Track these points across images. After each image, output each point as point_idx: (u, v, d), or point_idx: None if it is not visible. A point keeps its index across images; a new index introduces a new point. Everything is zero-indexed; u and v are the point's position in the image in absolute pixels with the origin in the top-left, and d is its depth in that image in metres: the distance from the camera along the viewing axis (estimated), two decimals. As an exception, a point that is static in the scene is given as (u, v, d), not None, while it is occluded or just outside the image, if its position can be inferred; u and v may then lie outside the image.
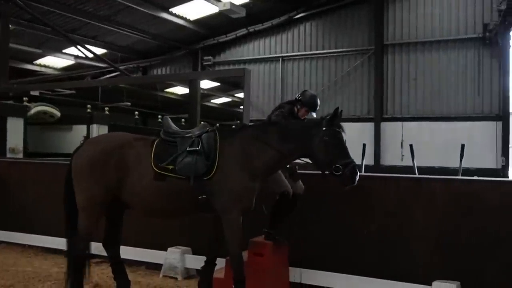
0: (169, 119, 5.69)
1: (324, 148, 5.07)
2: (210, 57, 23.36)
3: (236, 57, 23.04)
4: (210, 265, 5.75)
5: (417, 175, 9.83)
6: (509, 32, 17.96)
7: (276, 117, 5.75)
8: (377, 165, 18.72)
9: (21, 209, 8.78)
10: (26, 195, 8.78)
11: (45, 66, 22.34)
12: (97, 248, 6.57)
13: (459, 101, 18.36)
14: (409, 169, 13.51)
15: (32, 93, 16.54)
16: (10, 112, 13.92)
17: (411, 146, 13.05)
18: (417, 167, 12.94)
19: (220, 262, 5.91)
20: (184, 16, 20.25)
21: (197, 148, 5.25)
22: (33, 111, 15.77)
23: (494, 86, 17.92)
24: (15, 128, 13.89)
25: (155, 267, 7.18)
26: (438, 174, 7.51)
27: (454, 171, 13.53)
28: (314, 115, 6.03)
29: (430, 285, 5.51)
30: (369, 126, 19.45)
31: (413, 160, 12.90)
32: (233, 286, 5.26)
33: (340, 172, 4.98)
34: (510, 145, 17.92)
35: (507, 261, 5.43)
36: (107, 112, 18.61)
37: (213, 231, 5.70)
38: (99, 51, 20.15)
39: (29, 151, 15.60)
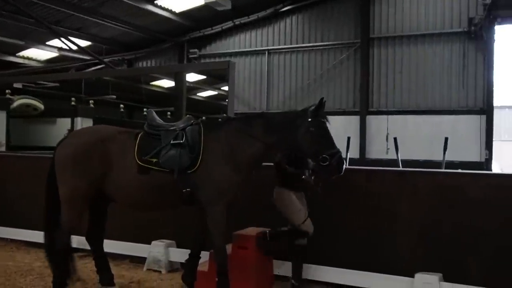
0: (154, 112, 5.65)
1: (310, 138, 5.05)
2: (196, 50, 23.24)
3: (222, 50, 22.94)
4: (194, 258, 5.74)
5: (401, 168, 9.89)
6: (494, 26, 18.09)
7: None
8: (362, 158, 18.80)
9: (3, 202, 8.68)
10: (9, 189, 8.68)
11: (28, 58, 22.04)
12: (80, 241, 6.53)
13: (444, 95, 18.48)
14: (394, 163, 13.58)
15: (15, 85, 16.30)
16: (-8, 105, 13.74)
17: (395, 139, 13.14)
18: (402, 160, 13.02)
19: (205, 256, 5.91)
20: (169, 8, 20.08)
21: (181, 141, 5.22)
22: (16, 103, 15.56)
23: (478, 80, 18.06)
24: (-3, 121, 13.73)
25: (139, 261, 7.16)
26: (422, 167, 7.56)
27: (438, 164, 13.62)
28: None
29: (413, 277, 5.56)
30: (355, 119, 19.51)
31: (397, 153, 12.98)
32: (217, 279, 5.25)
33: (327, 163, 4.97)
34: (494, 139, 18.08)
35: (489, 254, 5.48)
36: (92, 105, 18.43)
37: (197, 224, 5.68)
38: (84, 43, 19.90)
39: (12, 144, 15.42)
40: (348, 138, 13.35)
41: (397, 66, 19.33)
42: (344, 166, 5.05)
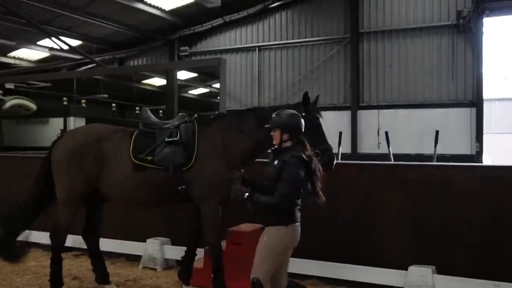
0: (148, 110, 5.70)
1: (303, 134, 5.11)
2: (186, 48, 23.20)
3: (213, 47, 22.93)
4: (190, 255, 5.80)
5: (391, 162, 10.00)
6: (483, 18, 18.17)
7: None
8: (354, 153, 18.88)
9: (-3, 203, 8.69)
10: (1, 189, 8.69)
11: (19, 58, 21.90)
12: (76, 240, 6.58)
13: (434, 88, 18.58)
14: (386, 157, 13.69)
15: (6, 86, 16.28)
16: (-16, 106, 13.71)
17: (386, 133, 13.24)
18: (393, 154, 13.14)
19: (200, 253, 5.98)
20: (159, 6, 20.02)
21: (176, 139, 5.28)
22: (8, 104, 15.55)
23: (468, 73, 18.16)
24: (-11, 122, 13.71)
25: (135, 259, 7.22)
26: (413, 161, 7.66)
27: (429, 158, 13.75)
28: None
29: (406, 269, 5.65)
30: (346, 115, 19.57)
31: (388, 147, 13.09)
32: (212, 276, 5.32)
33: (319, 158, 5.03)
34: (484, 131, 18.22)
35: (478, 245, 5.58)
36: (84, 105, 18.43)
37: (192, 222, 5.74)
38: (74, 42, 19.84)
39: (4, 145, 15.40)
40: (340, 133, 13.43)
41: (386, 60, 19.41)
42: (335, 162, 5.12)
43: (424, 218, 5.84)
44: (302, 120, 4.50)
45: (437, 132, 12.46)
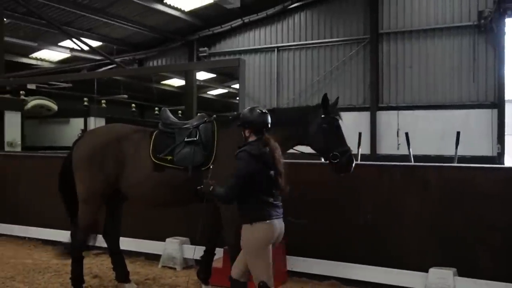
0: (168, 110, 5.73)
1: (321, 135, 5.10)
2: (205, 48, 23.29)
3: (232, 48, 22.99)
4: (209, 255, 5.82)
5: (411, 163, 9.90)
6: (504, 19, 17.95)
7: None
8: (373, 154, 18.79)
9: (19, 202, 8.85)
10: (25, 188, 8.83)
11: (41, 59, 22.26)
12: (96, 239, 6.64)
13: (455, 89, 18.40)
14: (405, 158, 13.55)
15: (29, 86, 16.51)
16: (8, 106, 13.92)
17: (406, 134, 13.09)
18: (413, 155, 13.00)
19: (219, 252, 5.99)
20: (179, 7, 20.18)
21: (195, 139, 5.30)
22: (30, 104, 15.76)
23: (489, 73, 17.95)
24: (12, 122, 13.91)
25: (154, 258, 7.27)
26: (433, 162, 7.58)
27: (450, 159, 13.58)
28: None
29: (427, 272, 5.60)
30: (365, 116, 19.48)
31: (409, 148, 12.95)
32: (231, 275, 5.32)
33: (337, 160, 5.03)
34: (505, 133, 17.98)
35: (500, 247, 5.51)
36: (104, 105, 18.61)
37: (211, 221, 5.75)
38: (95, 43, 20.07)
39: (27, 144, 15.63)
40: (359, 134, 13.34)
41: (406, 61, 19.27)
42: (354, 164, 5.10)
43: (444, 220, 5.77)
44: (262, 116, 4.47)
45: (458, 133, 12.28)
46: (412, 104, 19.02)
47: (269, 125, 4.51)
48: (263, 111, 4.53)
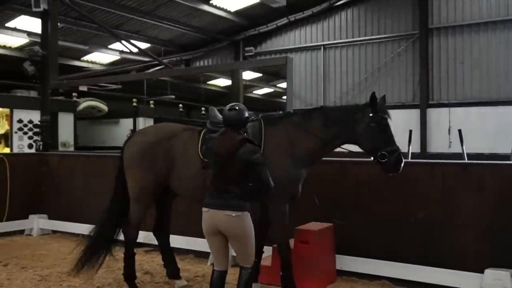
0: (215, 109, 5.76)
1: (370, 134, 5.04)
2: (251, 48, 23.35)
3: (278, 47, 22.98)
4: (256, 253, 5.81)
5: (465, 161, 9.61)
6: (561, 10, 17.22)
7: None
8: (423, 152, 18.33)
9: (73, 199, 9.11)
10: (78, 186, 9.10)
11: (92, 62, 22.89)
12: (147, 237, 6.75)
13: (508, 85, 17.74)
14: (457, 156, 13.15)
15: (80, 88, 17.00)
16: (61, 108, 14.44)
17: (459, 131, 12.70)
18: (466, 153, 12.62)
19: (267, 250, 5.98)
20: (225, 7, 20.33)
21: (243, 137, 5.30)
22: (82, 106, 16.22)
23: (546, 68, 17.26)
24: (65, 123, 14.41)
25: (203, 256, 7.32)
26: (488, 160, 7.33)
27: (504, 157, 13.12)
28: None
29: (482, 273, 5.41)
30: (415, 113, 19.05)
31: (462, 146, 12.56)
32: (281, 273, 5.31)
33: (386, 160, 4.95)
34: None
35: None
36: (152, 106, 18.94)
37: (259, 219, 5.74)
38: (143, 45, 20.48)
39: (79, 145, 16.10)
40: (410, 131, 13.06)
41: (458, 56, 18.72)
42: (402, 164, 5.00)
43: (501, 219, 5.56)
44: (231, 112, 4.58)
45: (513, 130, 11.86)
46: (463, 101, 18.46)
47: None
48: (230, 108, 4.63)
